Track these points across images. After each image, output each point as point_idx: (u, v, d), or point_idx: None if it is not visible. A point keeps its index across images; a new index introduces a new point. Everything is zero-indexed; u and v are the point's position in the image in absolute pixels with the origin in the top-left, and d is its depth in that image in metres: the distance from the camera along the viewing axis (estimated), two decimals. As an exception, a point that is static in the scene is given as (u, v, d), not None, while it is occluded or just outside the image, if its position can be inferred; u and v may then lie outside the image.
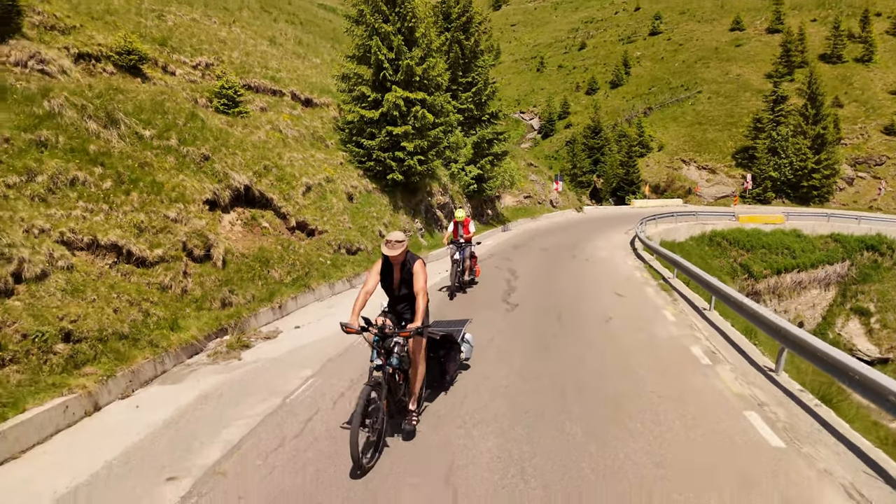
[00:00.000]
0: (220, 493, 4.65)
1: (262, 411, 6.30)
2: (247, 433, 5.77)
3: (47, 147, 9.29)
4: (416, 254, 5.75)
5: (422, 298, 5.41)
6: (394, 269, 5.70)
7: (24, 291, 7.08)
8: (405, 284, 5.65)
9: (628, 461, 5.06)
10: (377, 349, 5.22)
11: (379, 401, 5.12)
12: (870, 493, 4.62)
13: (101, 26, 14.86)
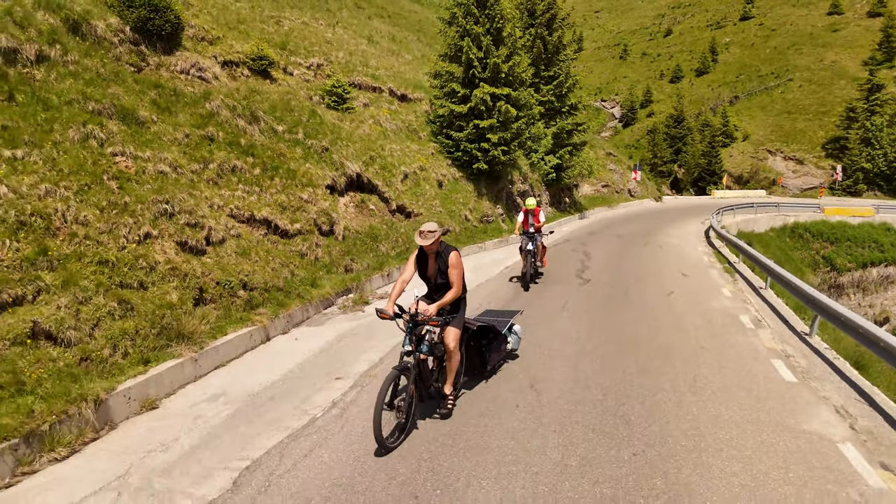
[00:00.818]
0: (374, 386, 6.71)
1: (389, 344, 8.36)
2: (383, 355, 7.87)
3: (213, 141, 11.73)
4: (450, 245, 5.86)
5: (453, 291, 5.65)
6: (428, 258, 5.88)
7: (212, 252, 9.45)
8: (440, 274, 5.79)
9: (668, 384, 6.75)
10: (408, 335, 5.38)
11: (408, 384, 5.38)
12: (855, 411, 6.12)
13: (237, 35, 17.41)
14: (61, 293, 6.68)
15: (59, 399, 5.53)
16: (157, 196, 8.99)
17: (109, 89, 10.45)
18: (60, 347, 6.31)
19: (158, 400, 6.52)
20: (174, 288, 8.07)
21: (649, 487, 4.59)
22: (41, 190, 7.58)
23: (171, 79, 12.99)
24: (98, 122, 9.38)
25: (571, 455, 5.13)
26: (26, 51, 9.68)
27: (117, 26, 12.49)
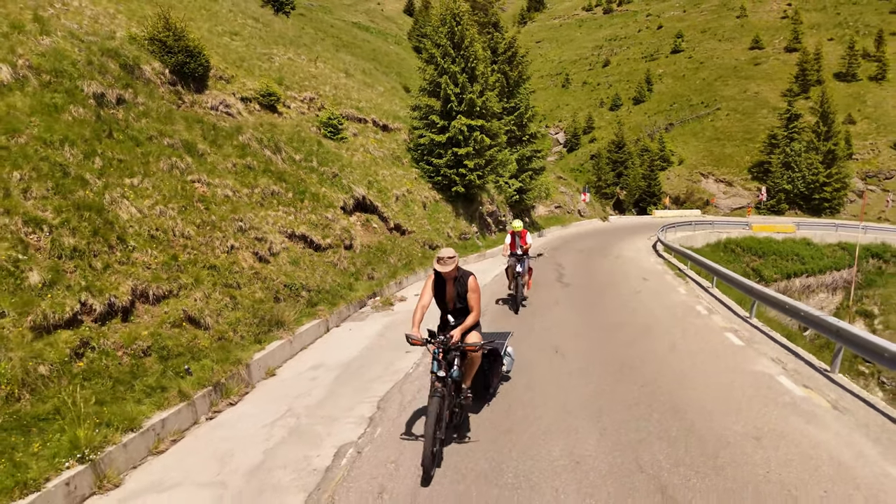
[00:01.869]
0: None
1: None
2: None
3: (252, 169, 13.67)
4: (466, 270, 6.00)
5: (474, 315, 5.82)
6: (447, 284, 5.92)
7: (273, 261, 11.41)
8: (459, 298, 5.90)
9: (652, 349, 9.19)
10: (438, 360, 5.42)
11: (444, 410, 5.41)
12: (785, 360, 8.67)
13: (243, 73, 19.31)
14: (194, 290, 8.60)
15: (224, 363, 7.48)
16: (233, 215, 10.94)
17: (174, 126, 12.33)
18: (201, 330, 8.22)
19: (275, 369, 8.49)
20: (259, 288, 10.04)
21: (656, 403, 6.93)
22: (156, 211, 9.46)
23: (204, 115, 14.86)
24: (176, 154, 11.27)
25: (596, 388, 7.45)
26: (109, 95, 11.48)
27: (159, 69, 14.34)
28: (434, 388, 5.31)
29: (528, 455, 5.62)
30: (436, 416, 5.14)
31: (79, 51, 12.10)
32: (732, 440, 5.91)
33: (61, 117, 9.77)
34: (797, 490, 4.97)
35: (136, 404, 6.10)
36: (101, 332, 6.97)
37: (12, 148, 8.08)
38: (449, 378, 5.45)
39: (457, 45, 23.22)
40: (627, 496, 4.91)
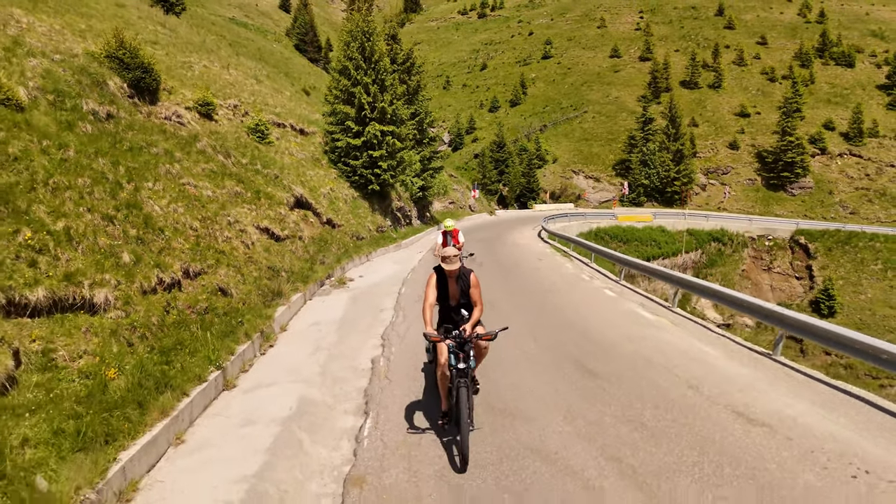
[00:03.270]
0: (408, 311, 11.88)
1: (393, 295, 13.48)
2: (394, 302, 13.00)
3: (216, 173, 15.83)
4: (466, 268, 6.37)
5: (480, 308, 6.21)
6: (449, 282, 6.28)
7: (253, 248, 13.83)
8: (462, 295, 6.28)
9: (556, 301, 12.80)
10: (456, 354, 5.73)
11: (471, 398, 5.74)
12: (644, 302, 12.61)
13: (178, 83, 20.95)
14: (217, 268, 11.03)
15: (259, 318, 10.08)
16: (222, 211, 13.28)
17: (153, 136, 14.32)
18: (228, 298, 10.70)
19: (286, 325, 11.14)
20: (254, 269, 12.54)
21: (566, 326, 10.43)
22: (171, 209, 11.70)
23: (161, 124, 16.74)
24: (166, 161, 13.39)
25: (526, 321, 10.88)
26: (100, 111, 13.36)
27: (120, 84, 16.07)
28: (457, 380, 5.64)
29: (499, 355, 8.87)
30: (465, 405, 5.47)
31: (62, 71, 13.78)
32: (615, 340, 9.56)
33: (74, 132, 11.69)
34: (653, 359, 8.62)
35: (219, 341, 8.64)
36: (171, 296, 9.35)
37: (70, 159, 10.12)
38: (468, 368, 5.73)
39: (368, 59, 26.04)
40: (558, 367, 8.31)
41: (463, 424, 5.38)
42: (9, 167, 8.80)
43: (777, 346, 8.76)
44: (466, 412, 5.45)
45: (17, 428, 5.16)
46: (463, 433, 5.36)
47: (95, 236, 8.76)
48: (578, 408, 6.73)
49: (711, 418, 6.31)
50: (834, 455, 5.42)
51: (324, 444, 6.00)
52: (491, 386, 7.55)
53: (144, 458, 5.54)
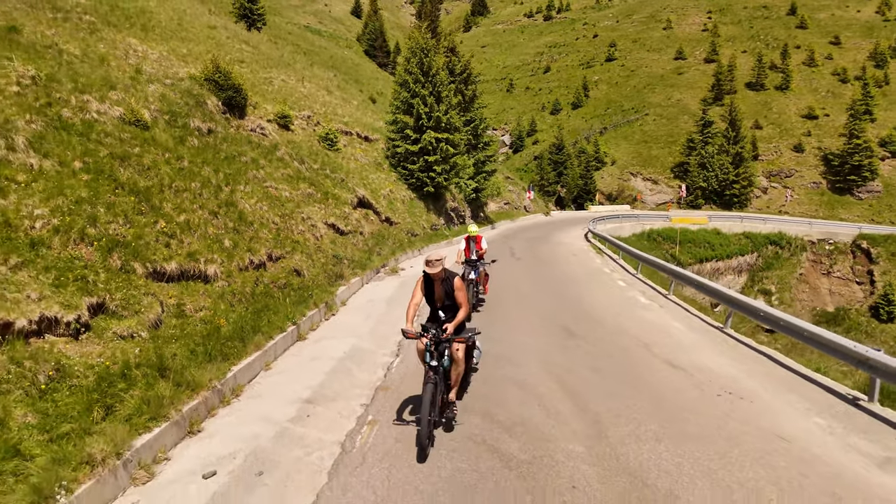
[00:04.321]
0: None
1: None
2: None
3: (293, 177, 18.86)
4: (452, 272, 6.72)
5: (464, 311, 6.45)
6: (435, 284, 6.58)
7: (321, 240, 16.72)
8: (447, 297, 6.56)
9: (577, 289, 15.04)
10: (431, 352, 6.05)
11: (437, 395, 6.04)
12: (645, 291, 14.69)
13: (260, 98, 24.28)
14: (293, 254, 13.92)
15: (324, 293, 12.86)
16: (297, 209, 16.24)
17: (242, 147, 17.46)
18: (301, 277, 13.55)
19: (346, 301, 13.91)
20: (322, 256, 15.40)
21: (574, 307, 12.72)
22: (258, 207, 14.68)
23: (248, 135, 19.94)
24: (253, 167, 16.45)
25: (541, 305, 13.21)
26: (203, 127, 16.55)
27: (215, 102, 19.33)
28: (427, 376, 5.96)
29: (507, 324, 11.27)
30: (430, 401, 5.76)
31: (173, 94, 17.09)
32: (604, 316, 11.81)
33: (185, 145, 14.85)
34: (628, 329, 10.84)
35: (294, 307, 11.43)
36: (259, 273, 12.25)
37: (185, 168, 13.21)
38: (441, 367, 6.13)
39: (426, 73, 28.76)
40: (550, 332, 10.64)
41: (423, 419, 5.69)
42: (145, 174, 11.89)
43: (728, 320, 10.82)
44: (428, 408, 5.73)
45: (167, 348, 8.01)
46: (422, 428, 5.68)
47: (206, 227, 11.75)
48: (554, 357, 9.08)
49: (648, 365, 8.55)
50: (716, 385, 7.64)
51: (366, 371, 8.62)
52: (494, 343, 9.98)
53: (246, 373, 8.32)
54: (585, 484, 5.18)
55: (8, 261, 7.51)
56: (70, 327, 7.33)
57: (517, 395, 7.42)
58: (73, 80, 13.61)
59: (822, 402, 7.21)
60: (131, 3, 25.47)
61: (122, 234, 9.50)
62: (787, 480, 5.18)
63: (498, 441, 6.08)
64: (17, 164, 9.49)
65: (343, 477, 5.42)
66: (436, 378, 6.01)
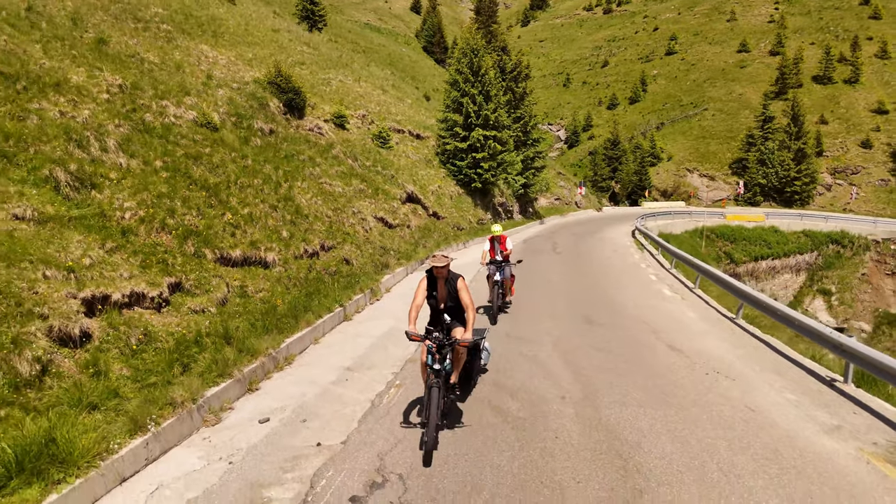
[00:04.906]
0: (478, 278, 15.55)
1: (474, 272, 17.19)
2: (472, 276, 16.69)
3: (346, 174, 20.29)
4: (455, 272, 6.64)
5: (471, 311, 6.38)
6: (438, 283, 6.61)
7: (370, 233, 18.07)
8: (450, 298, 6.56)
9: (611, 280, 15.85)
10: (433, 355, 6.09)
11: (440, 398, 6.01)
12: (673, 284, 15.36)
13: (318, 99, 25.88)
14: (343, 245, 15.29)
15: (370, 281, 14.16)
16: (349, 204, 17.63)
17: (300, 146, 18.98)
18: (350, 266, 14.90)
19: (390, 288, 15.18)
20: (370, 247, 16.73)
21: (602, 297, 13.59)
22: (313, 201, 16.11)
23: (306, 135, 21.50)
24: (309, 165, 17.93)
25: (570, 294, 14.13)
26: (265, 128, 18.14)
27: (277, 104, 20.94)
28: (430, 380, 5.97)
29: (533, 311, 12.24)
30: (435, 404, 5.78)
31: (239, 97, 18.76)
32: (626, 305, 12.64)
33: (249, 145, 16.43)
34: (644, 318, 11.65)
35: (342, 291, 12.75)
36: (312, 261, 13.64)
37: (248, 166, 14.75)
38: (443, 370, 6.11)
39: (475, 73, 29.79)
40: (571, 318, 11.58)
41: (430, 424, 5.69)
42: (214, 172, 13.45)
43: (739, 311, 11.48)
44: (435, 411, 5.75)
45: (232, 322, 9.40)
46: (429, 431, 5.68)
47: (266, 219, 13.21)
48: (567, 339, 10.04)
49: (652, 348, 9.41)
50: (707, 366, 8.47)
51: (400, 347, 9.80)
52: (515, 324, 11.02)
53: (298, 345, 9.66)
54: (567, 435, 6.18)
55: (105, 245, 9.04)
56: (154, 301, 8.81)
57: (527, 368, 8.44)
58: (153, 87, 15.36)
59: (800, 382, 7.92)
60: (203, 10, 27.54)
61: (195, 225, 11.02)
62: (739, 439, 6.03)
63: (502, 402, 7.15)
64: (110, 164, 11.11)
65: (370, 424, 6.63)
66: (438, 382, 5.99)
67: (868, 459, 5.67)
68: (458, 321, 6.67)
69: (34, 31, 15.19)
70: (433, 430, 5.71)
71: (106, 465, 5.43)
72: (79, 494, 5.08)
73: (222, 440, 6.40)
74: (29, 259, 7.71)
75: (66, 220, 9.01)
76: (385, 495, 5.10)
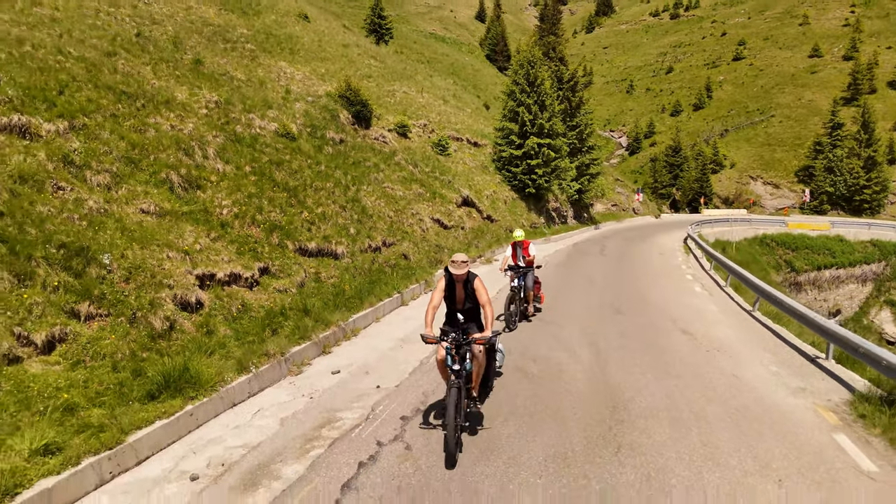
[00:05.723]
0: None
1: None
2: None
3: (406, 179, 22.22)
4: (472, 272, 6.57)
5: (489, 309, 6.32)
6: (456, 286, 6.57)
7: (427, 233, 19.90)
8: (469, 299, 6.55)
9: (650, 280, 17.10)
10: (452, 355, 6.06)
11: (461, 398, 6.03)
12: (705, 283, 16.46)
13: (383, 110, 28.01)
14: (402, 242, 17.17)
15: (425, 273, 15.95)
16: (408, 206, 19.54)
17: (366, 153, 21.04)
18: (408, 260, 16.74)
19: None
20: (426, 245, 18.56)
21: (635, 293, 14.91)
22: (377, 203, 18.07)
23: (371, 143, 23.58)
24: (374, 171, 19.94)
25: (605, 290, 15.51)
26: (336, 137, 20.28)
27: (346, 116, 23.11)
28: (451, 381, 5.96)
29: (569, 304, 13.68)
30: (455, 405, 5.72)
31: (314, 110, 21.00)
32: (655, 299, 13.93)
33: (322, 153, 18.56)
34: (669, 310, 12.93)
35: (400, 281, 14.56)
36: (374, 255, 15.55)
37: (322, 171, 16.84)
38: (464, 370, 6.10)
39: (531, 84, 31.31)
40: (601, 309, 12.99)
41: (449, 424, 5.61)
42: (293, 176, 15.57)
43: (755, 304, 12.63)
44: (453, 412, 5.67)
45: (309, 300, 11.34)
46: (449, 432, 5.61)
47: (336, 217, 15.23)
48: (593, 325, 11.49)
49: (667, 333, 10.75)
50: (710, 346, 9.78)
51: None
52: (549, 312, 12.53)
53: (362, 321, 11.53)
54: (574, 387, 7.71)
55: (209, 235, 11.16)
56: (247, 281, 10.85)
57: (552, 344, 9.97)
58: (242, 102, 17.71)
59: (787, 358, 9.12)
60: (282, 30, 30.23)
61: (278, 220, 13.10)
62: (717, 396, 7.37)
63: (525, 364, 8.75)
64: (210, 169, 13.32)
65: (417, 375, 8.36)
66: (458, 382, 5.97)
67: (817, 410, 6.95)
68: (474, 323, 6.64)
69: (144, 54, 17.82)
70: (453, 430, 5.63)
71: (223, 392, 7.38)
72: (206, 408, 7.03)
73: (304, 384, 8.28)
74: (156, 243, 9.86)
75: (180, 214, 11.18)
76: (427, 412, 6.81)
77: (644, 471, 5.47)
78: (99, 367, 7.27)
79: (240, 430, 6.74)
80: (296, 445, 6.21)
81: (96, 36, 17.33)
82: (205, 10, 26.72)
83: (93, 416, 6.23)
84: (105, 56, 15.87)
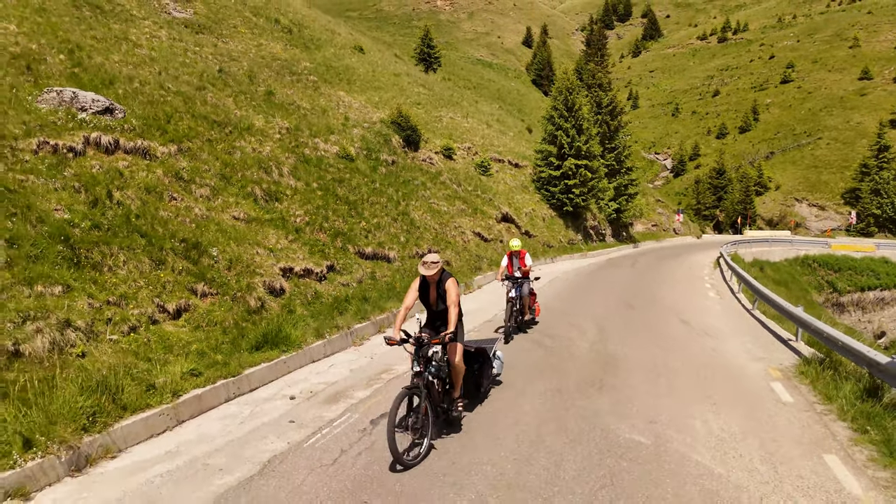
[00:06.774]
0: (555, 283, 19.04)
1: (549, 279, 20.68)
2: (548, 281, 20.19)
3: (451, 196, 24.50)
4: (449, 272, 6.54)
5: (454, 309, 6.20)
6: (430, 287, 6.57)
7: (468, 244, 22.08)
8: (441, 300, 6.48)
9: (672, 289, 18.81)
10: (416, 358, 5.91)
11: (420, 403, 5.84)
12: (720, 289, 18.07)
13: (431, 134, 30.49)
14: (446, 250, 19.40)
15: (466, 278, 18.10)
16: (452, 220, 21.81)
17: (415, 174, 23.45)
18: (450, 266, 18.92)
19: (482, 286, 19.03)
20: (467, 255, 20.72)
21: (652, 298, 16.69)
22: (423, 217, 20.36)
23: (420, 164, 26.01)
24: (421, 189, 22.30)
25: (624, 296, 17.34)
26: (388, 159, 22.77)
27: (398, 140, 25.63)
28: (411, 382, 5.89)
29: (587, 302, 15.58)
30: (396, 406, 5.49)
31: (369, 135, 23.59)
32: (668, 301, 15.67)
33: (377, 172, 21.03)
34: (676, 307, 14.69)
35: (443, 284, 16.72)
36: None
37: (376, 188, 19.28)
38: (426, 374, 5.96)
39: (570, 109, 33.40)
40: (617, 306, 14.85)
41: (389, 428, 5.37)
42: (352, 192, 18.03)
43: (754, 304, 14.27)
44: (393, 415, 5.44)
45: (367, 292, 13.61)
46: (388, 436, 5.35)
47: (389, 227, 17.58)
48: (605, 316, 13.38)
49: (667, 321, 12.57)
50: (702, 331, 11.56)
51: (481, 318, 13.61)
52: (569, 306, 14.48)
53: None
54: (578, 353, 9.69)
55: (287, 238, 13.62)
56: (317, 275, 13.22)
57: (566, 327, 11.94)
58: (308, 128, 20.38)
59: (763, 339, 10.85)
60: (340, 62, 33.25)
61: (341, 228, 15.51)
62: (691, 361, 9.21)
63: (541, 339, 10.77)
64: (284, 185, 15.86)
65: (454, 346, 10.52)
66: (415, 384, 5.86)
67: (767, 370, 8.76)
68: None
69: (226, 87, 20.70)
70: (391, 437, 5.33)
71: (306, 349, 9.68)
72: (295, 359, 9.33)
73: (365, 350, 10.52)
74: (248, 242, 12.34)
75: (264, 221, 13.68)
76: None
77: (616, 397, 7.46)
78: (213, 330, 9.65)
79: (320, 374, 9.00)
80: (362, 383, 8.42)
81: (187, 73, 20.29)
82: (273, 47, 29.85)
83: (217, 358, 8.59)
84: (196, 90, 18.74)
